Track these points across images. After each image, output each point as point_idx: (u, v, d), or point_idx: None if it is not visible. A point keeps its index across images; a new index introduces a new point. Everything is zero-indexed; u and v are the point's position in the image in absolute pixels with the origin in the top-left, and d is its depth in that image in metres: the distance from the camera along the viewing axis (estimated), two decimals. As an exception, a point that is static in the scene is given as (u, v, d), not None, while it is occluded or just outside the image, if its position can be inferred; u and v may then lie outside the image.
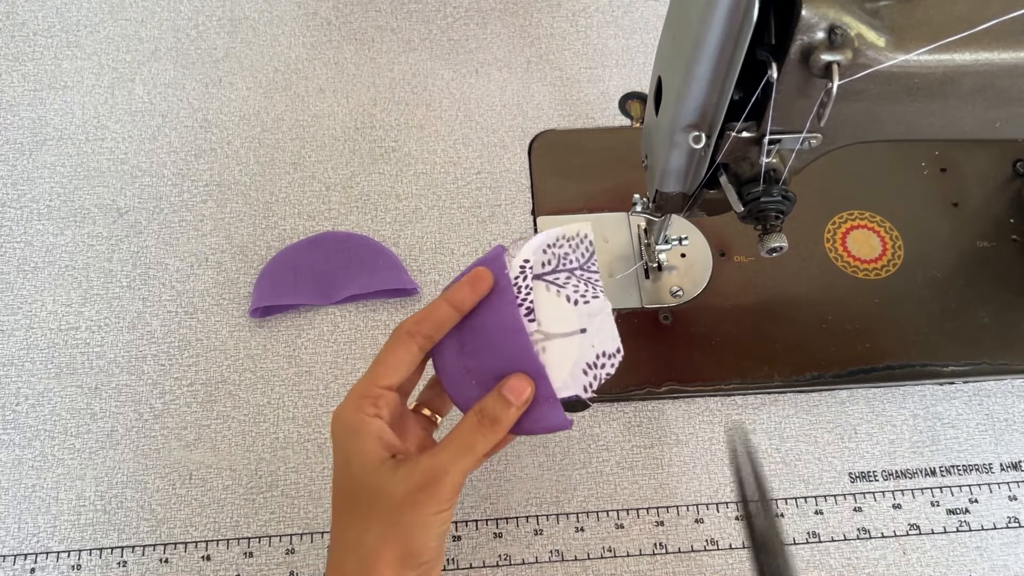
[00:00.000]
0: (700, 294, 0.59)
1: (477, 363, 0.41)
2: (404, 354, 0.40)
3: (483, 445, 0.38)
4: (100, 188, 0.63)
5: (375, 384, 0.39)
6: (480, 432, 0.38)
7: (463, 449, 0.38)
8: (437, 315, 0.40)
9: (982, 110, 0.40)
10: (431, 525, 0.37)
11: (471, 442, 0.38)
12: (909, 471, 0.54)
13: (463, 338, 0.41)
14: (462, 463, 0.37)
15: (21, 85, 0.67)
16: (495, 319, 0.41)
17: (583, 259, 0.45)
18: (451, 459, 0.37)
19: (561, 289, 0.43)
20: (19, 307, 0.58)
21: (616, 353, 0.42)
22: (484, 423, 0.38)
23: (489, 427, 0.38)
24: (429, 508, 0.36)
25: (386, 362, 0.39)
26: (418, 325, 0.40)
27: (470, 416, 0.39)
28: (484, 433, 0.38)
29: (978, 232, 0.61)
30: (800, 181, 0.44)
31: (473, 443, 0.38)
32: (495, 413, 0.39)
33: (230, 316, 0.58)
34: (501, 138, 0.66)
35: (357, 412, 0.38)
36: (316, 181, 0.63)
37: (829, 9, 0.35)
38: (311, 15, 0.71)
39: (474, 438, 0.38)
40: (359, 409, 0.38)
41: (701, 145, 0.40)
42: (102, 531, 0.51)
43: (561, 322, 0.42)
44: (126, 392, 0.55)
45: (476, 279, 0.41)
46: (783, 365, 0.56)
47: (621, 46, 0.70)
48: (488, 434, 0.38)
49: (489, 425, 0.38)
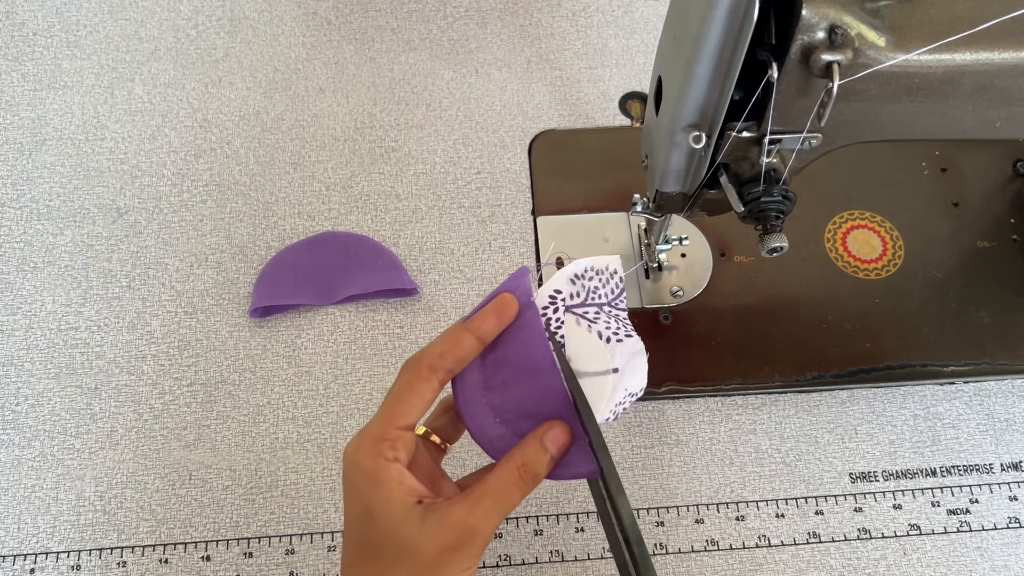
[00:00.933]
0: (700, 294, 0.58)
1: (502, 400, 0.38)
2: (425, 391, 0.36)
3: (519, 498, 0.35)
4: (100, 188, 0.63)
5: (393, 425, 0.35)
6: (519, 487, 0.35)
7: (500, 505, 0.35)
8: (461, 348, 0.37)
9: (982, 110, 0.40)
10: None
11: (509, 497, 0.35)
12: (909, 471, 0.54)
13: (487, 372, 0.38)
14: (497, 520, 0.35)
15: (21, 85, 0.67)
16: (522, 354, 0.38)
17: (613, 294, 0.42)
18: (487, 516, 0.34)
19: (592, 324, 0.40)
20: (19, 307, 0.58)
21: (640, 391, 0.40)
22: (525, 478, 0.35)
23: (530, 481, 0.35)
24: (461, 566, 0.34)
25: (406, 399, 0.36)
26: (441, 359, 0.37)
27: (510, 469, 0.35)
28: (521, 489, 0.35)
29: (978, 232, 0.61)
30: (800, 181, 0.44)
31: (511, 498, 0.35)
32: (536, 467, 0.35)
33: (230, 316, 0.58)
34: (501, 138, 0.66)
35: (376, 457, 0.35)
36: (316, 181, 0.63)
37: (829, 9, 0.35)
38: (311, 15, 0.71)
39: (512, 493, 0.35)
40: (378, 454, 0.35)
41: (701, 145, 0.40)
42: (102, 531, 0.51)
43: (594, 360, 0.39)
44: (126, 392, 0.55)
45: (502, 308, 0.38)
46: (783, 365, 0.56)
47: (621, 46, 0.70)
48: (527, 488, 0.35)
49: (530, 479, 0.35)
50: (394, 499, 0.34)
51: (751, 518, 0.52)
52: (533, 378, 0.37)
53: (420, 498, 0.35)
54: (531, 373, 0.37)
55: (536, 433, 0.36)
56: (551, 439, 0.36)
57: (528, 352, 0.37)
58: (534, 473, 0.35)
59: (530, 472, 0.35)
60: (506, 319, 0.38)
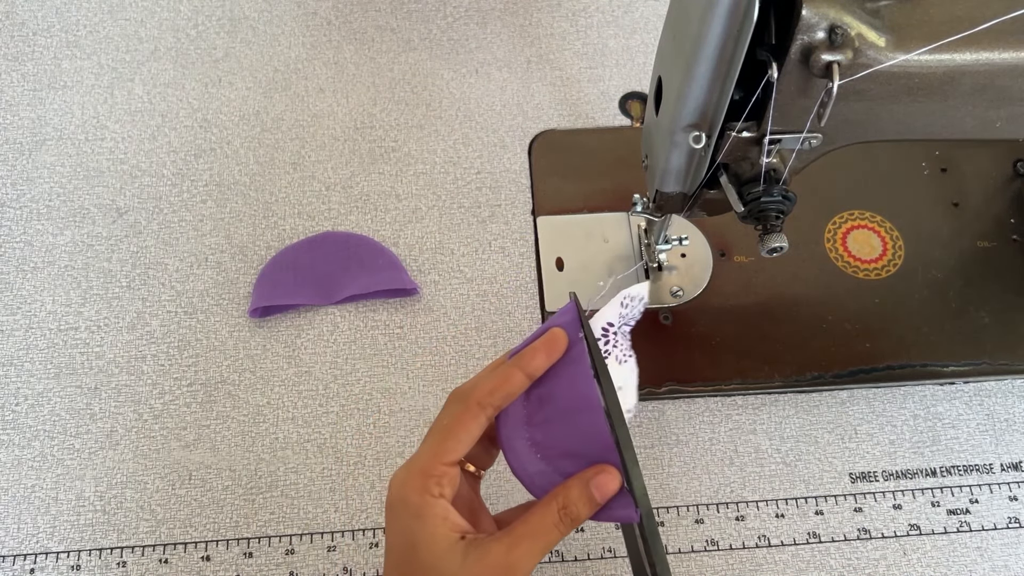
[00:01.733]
0: (700, 294, 0.58)
1: (546, 437, 0.37)
2: (474, 427, 0.36)
3: (558, 540, 0.35)
4: (100, 188, 0.63)
5: (440, 460, 0.36)
6: (559, 529, 0.35)
7: (540, 545, 0.35)
8: (510, 385, 0.37)
9: (982, 110, 0.40)
10: None
11: (549, 538, 0.35)
12: (909, 471, 0.54)
13: (530, 408, 0.38)
14: (536, 559, 0.35)
15: (21, 85, 0.67)
16: (568, 391, 0.37)
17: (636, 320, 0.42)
18: (526, 555, 0.34)
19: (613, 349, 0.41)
20: (19, 307, 0.58)
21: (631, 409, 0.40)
22: (565, 520, 0.35)
23: (570, 524, 0.35)
24: None
25: (455, 435, 0.36)
26: (491, 396, 0.36)
27: (551, 510, 0.35)
28: (563, 530, 0.35)
29: (978, 232, 0.61)
30: (800, 181, 0.44)
31: (550, 539, 0.35)
32: (578, 510, 0.35)
33: (230, 316, 0.58)
34: (501, 138, 0.66)
35: (423, 493, 0.35)
36: (316, 181, 0.63)
37: (829, 9, 0.35)
38: (311, 15, 0.71)
39: (552, 534, 0.35)
40: (424, 490, 0.35)
41: (701, 145, 0.40)
42: (102, 531, 0.51)
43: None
44: (126, 392, 0.55)
45: (552, 344, 0.37)
46: (783, 365, 0.56)
47: (621, 46, 0.70)
48: (567, 530, 0.35)
49: (571, 523, 0.35)
50: (439, 535, 0.34)
51: (751, 518, 0.52)
52: (577, 417, 0.36)
53: (463, 533, 0.35)
54: (576, 412, 0.37)
55: (583, 476, 0.35)
56: (597, 485, 0.35)
57: (574, 390, 0.37)
58: (575, 516, 0.35)
59: (571, 515, 0.35)
60: (555, 355, 0.37)
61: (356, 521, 0.52)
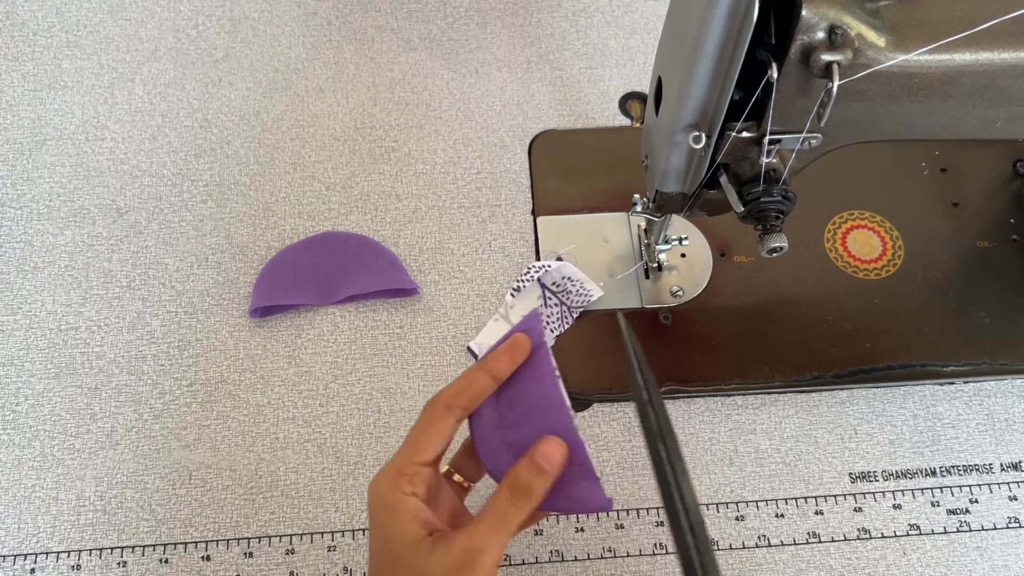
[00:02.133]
0: (700, 294, 0.58)
1: (517, 436, 0.39)
2: (443, 428, 0.39)
3: (518, 517, 0.37)
4: (100, 188, 0.63)
5: (412, 461, 0.38)
6: (513, 505, 0.37)
7: (498, 525, 0.36)
8: (476, 387, 0.39)
9: (982, 110, 0.40)
10: None
11: (505, 516, 0.37)
12: (909, 471, 0.54)
13: (501, 410, 0.40)
14: (498, 539, 0.36)
15: (21, 85, 0.67)
16: (535, 391, 0.39)
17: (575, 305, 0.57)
18: (487, 537, 0.36)
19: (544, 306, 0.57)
20: (19, 307, 0.58)
21: None
22: (517, 495, 0.37)
23: (523, 498, 0.37)
24: None
25: (425, 436, 0.38)
26: (457, 398, 0.39)
27: (503, 489, 0.37)
28: (518, 505, 0.37)
29: (978, 232, 0.61)
30: (800, 181, 0.44)
31: (507, 517, 0.37)
32: (528, 483, 0.37)
33: (230, 316, 0.58)
34: (501, 138, 0.66)
35: (395, 491, 0.37)
36: (316, 181, 0.63)
37: (829, 9, 0.35)
38: (311, 15, 0.71)
39: (508, 511, 0.37)
40: (397, 488, 0.37)
41: (701, 145, 0.40)
42: (102, 531, 0.51)
43: None
44: (126, 392, 0.55)
45: (515, 348, 0.40)
46: (783, 365, 0.56)
47: (621, 46, 0.70)
48: (522, 505, 0.37)
49: (523, 497, 0.37)
50: (409, 530, 0.36)
51: (751, 518, 0.52)
52: (545, 416, 0.39)
53: (432, 531, 0.37)
54: (543, 411, 0.39)
55: (530, 451, 0.38)
56: (541, 454, 0.37)
57: (540, 390, 0.39)
58: (526, 489, 0.37)
59: (522, 489, 0.37)
60: (518, 358, 0.39)
61: (356, 521, 0.52)
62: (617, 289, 0.59)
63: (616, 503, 0.53)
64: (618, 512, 0.52)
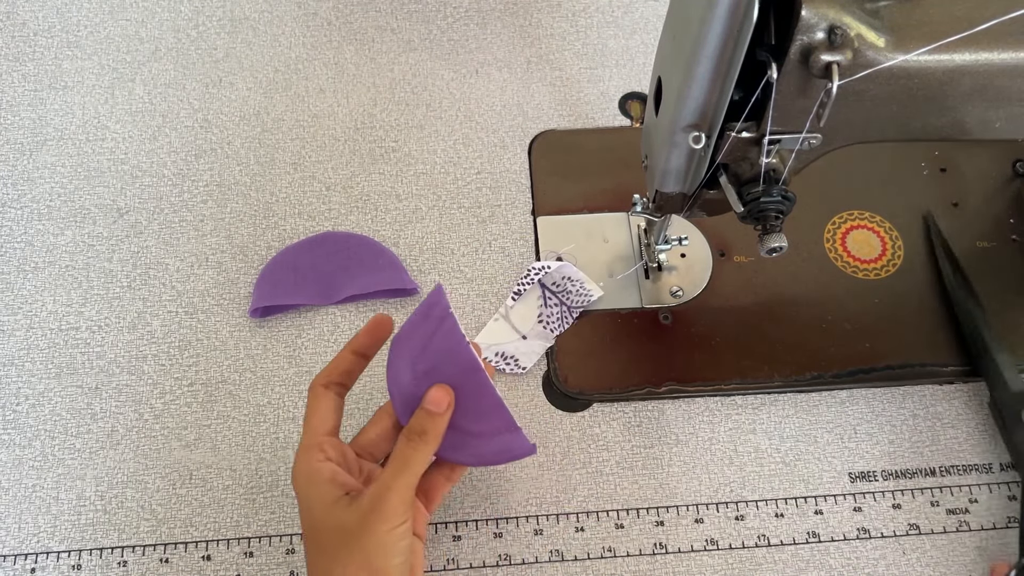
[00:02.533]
0: (700, 294, 0.59)
1: None
2: (327, 403, 0.44)
3: (417, 459, 0.41)
4: (100, 188, 0.63)
5: (315, 434, 0.43)
6: (411, 447, 0.41)
7: (400, 468, 0.41)
8: (342, 363, 0.45)
9: (981, 110, 0.40)
10: (388, 543, 0.39)
11: (404, 457, 0.41)
12: (909, 471, 0.54)
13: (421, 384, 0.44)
14: (401, 479, 0.40)
15: (21, 85, 0.67)
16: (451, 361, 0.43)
17: (575, 305, 0.57)
18: (391, 477, 0.40)
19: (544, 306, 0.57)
20: (19, 307, 0.58)
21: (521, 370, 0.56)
22: (412, 438, 0.42)
23: (418, 440, 0.42)
24: (382, 527, 0.39)
25: (317, 414, 0.43)
26: (328, 376, 0.44)
27: (402, 436, 0.42)
28: (415, 447, 0.41)
29: (978, 232, 0.61)
30: (800, 181, 0.44)
31: (407, 458, 0.41)
32: (421, 426, 0.42)
33: (230, 316, 0.58)
34: (501, 138, 0.66)
35: (310, 462, 0.42)
36: (316, 181, 0.63)
37: (829, 9, 0.35)
38: (311, 15, 0.71)
39: (406, 453, 0.41)
40: (311, 459, 0.42)
41: (701, 145, 0.40)
42: (102, 531, 0.51)
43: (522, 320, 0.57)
44: (126, 392, 0.55)
45: (376, 325, 0.45)
46: (783, 365, 0.56)
47: (621, 46, 0.70)
48: (419, 447, 0.42)
49: (417, 438, 0.42)
50: (326, 492, 0.40)
51: (750, 518, 0.52)
52: (464, 381, 0.43)
53: (349, 491, 0.41)
54: (461, 376, 0.43)
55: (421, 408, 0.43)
56: (428, 400, 0.43)
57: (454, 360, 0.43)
58: (420, 431, 0.42)
59: (416, 432, 0.42)
60: (380, 336, 0.45)
61: (356, 521, 0.52)
62: (617, 289, 0.59)
63: (616, 503, 0.53)
64: (618, 512, 0.52)
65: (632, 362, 0.56)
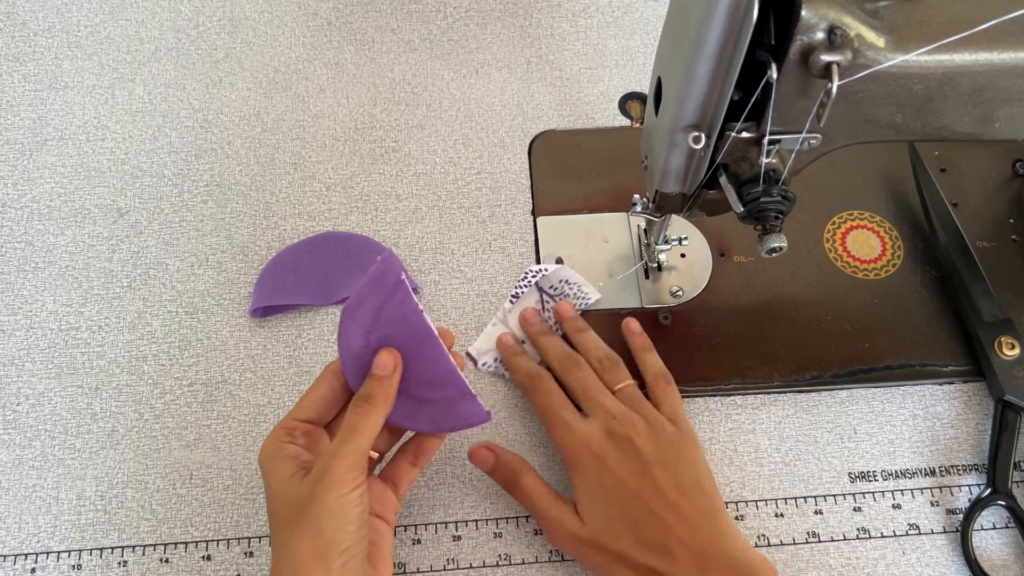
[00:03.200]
0: (700, 294, 0.59)
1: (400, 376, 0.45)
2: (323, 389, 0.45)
3: (366, 424, 0.42)
4: (100, 188, 0.63)
5: (293, 418, 0.44)
6: (358, 412, 0.42)
7: (346, 432, 0.41)
8: None
9: (982, 110, 0.40)
10: (338, 511, 0.39)
11: (352, 424, 0.41)
12: (909, 471, 0.54)
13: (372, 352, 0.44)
14: (348, 445, 0.40)
15: (21, 85, 0.67)
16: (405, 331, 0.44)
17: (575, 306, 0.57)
18: (338, 444, 0.41)
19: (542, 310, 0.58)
20: (19, 307, 0.58)
21: None
22: (359, 404, 0.42)
23: (364, 404, 0.42)
24: (330, 495, 0.39)
25: (309, 397, 0.45)
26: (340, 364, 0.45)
27: (350, 404, 0.43)
28: (363, 412, 0.42)
29: (978, 232, 0.61)
30: (800, 181, 0.44)
31: (354, 424, 0.41)
32: (367, 391, 0.43)
33: (230, 316, 0.58)
34: (501, 138, 0.66)
35: (276, 442, 0.43)
36: (316, 181, 0.63)
37: (829, 9, 0.35)
38: (311, 15, 0.71)
39: (354, 419, 0.42)
40: (277, 440, 0.43)
41: (701, 145, 0.40)
42: (102, 531, 0.51)
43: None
44: (126, 392, 0.56)
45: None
46: (783, 365, 0.56)
47: (621, 46, 0.71)
48: (366, 412, 0.42)
49: (363, 403, 0.42)
50: (285, 469, 0.41)
51: (750, 517, 0.52)
52: (420, 350, 0.44)
53: (306, 467, 0.42)
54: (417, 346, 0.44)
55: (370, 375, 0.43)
56: (375, 365, 0.43)
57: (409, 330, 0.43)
58: (366, 396, 0.42)
59: (362, 397, 0.42)
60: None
61: (356, 521, 0.52)
62: (617, 289, 0.59)
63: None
64: (618, 512, 0.52)
65: (632, 362, 0.56)
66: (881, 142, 0.42)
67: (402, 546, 0.51)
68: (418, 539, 0.51)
